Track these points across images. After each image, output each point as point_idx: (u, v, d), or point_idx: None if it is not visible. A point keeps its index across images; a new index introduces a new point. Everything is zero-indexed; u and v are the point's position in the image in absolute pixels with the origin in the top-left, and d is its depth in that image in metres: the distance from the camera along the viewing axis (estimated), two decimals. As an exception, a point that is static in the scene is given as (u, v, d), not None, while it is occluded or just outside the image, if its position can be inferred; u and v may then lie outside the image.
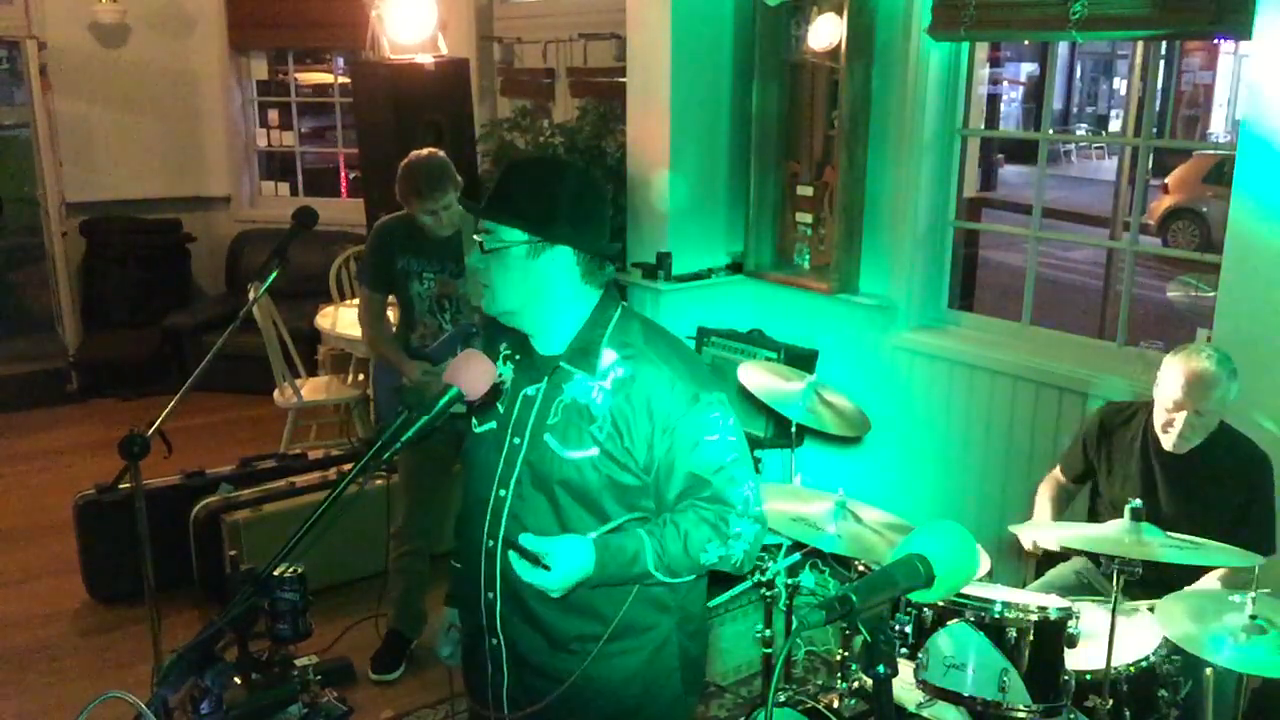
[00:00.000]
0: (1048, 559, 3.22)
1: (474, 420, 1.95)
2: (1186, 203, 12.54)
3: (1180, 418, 2.74)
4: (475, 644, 1.99)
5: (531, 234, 1.78)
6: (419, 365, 3.48)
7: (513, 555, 1.71)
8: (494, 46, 6.59)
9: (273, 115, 7.56)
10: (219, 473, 4.37)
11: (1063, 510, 3.17)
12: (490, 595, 1.89)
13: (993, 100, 17.24)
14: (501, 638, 1.91)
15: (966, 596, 2.50)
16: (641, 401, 1.79)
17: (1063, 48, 16.65)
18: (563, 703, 1.86)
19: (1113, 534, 2.49)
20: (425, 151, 3.45)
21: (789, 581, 3.00)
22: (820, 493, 3.00)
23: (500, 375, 1.89)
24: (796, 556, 2.97)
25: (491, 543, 1.87)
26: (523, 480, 1.85)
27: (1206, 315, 3.41)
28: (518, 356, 1.92)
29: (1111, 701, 2.49)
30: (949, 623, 2.51)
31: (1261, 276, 3.08)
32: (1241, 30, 3.11)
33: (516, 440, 1.86)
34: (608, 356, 1.83)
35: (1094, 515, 3.06)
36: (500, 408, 1.90)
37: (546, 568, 1.68)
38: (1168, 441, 2.80)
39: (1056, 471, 3.20)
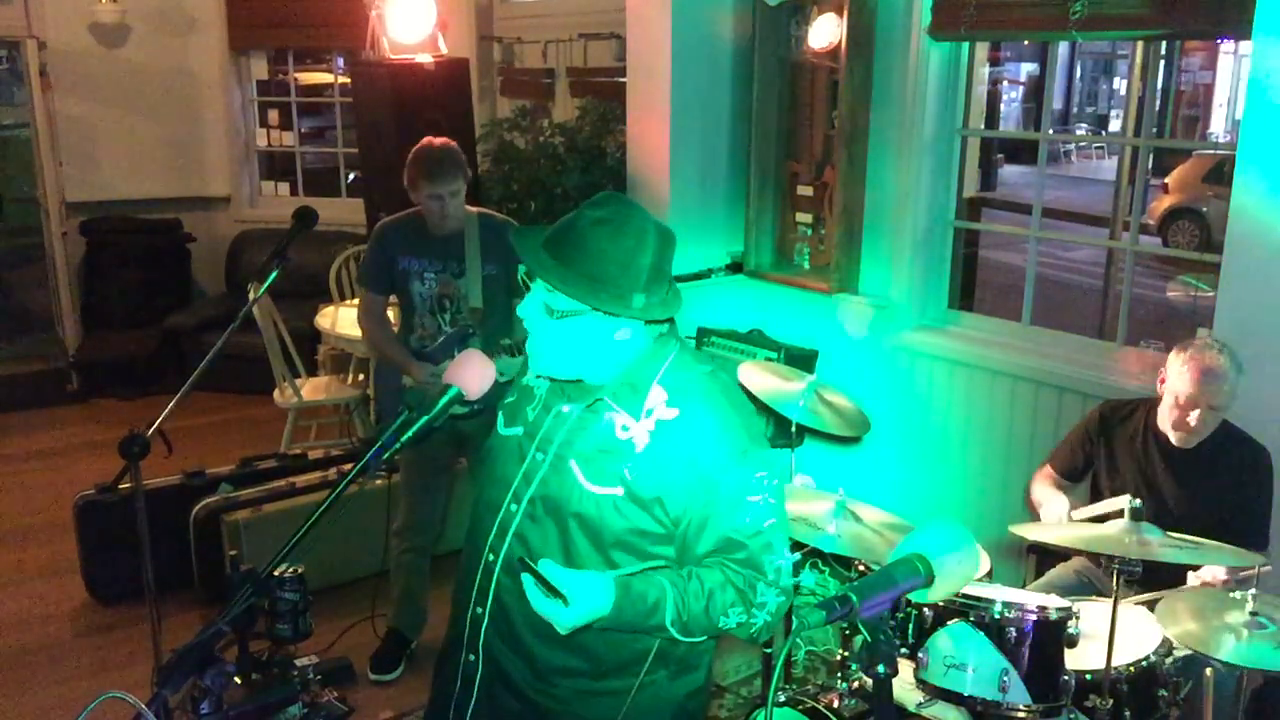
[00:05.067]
0: (1048, 558, 3.22)
1: (501, 418, 1.87)
2: (1186, 203, 12.55)
3: (1195, 414, 2.76)
4: (448, 657, 1.89)
5: (608, 310, 1.68)
6: (425, 366, 3.47)
7: (527, 580, 1.60)
8: (494, 46, 6.59)
9: (273, 115, 7.56)
10: (219, 473, 4.37)
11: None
12: (479, 610, 1.79)
13: (993, 100, 17.24)
14: (480, 656, 1.80)
15: (966, 596, 2.50)
16: (685, 448, 1.67)
17: (1063, 48, 16.66)
18: None
19: (1113, 534, 2.49)
20: (438, 140, 3.47)
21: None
22: (820, 493, 3.01)
23: (536, 382, 1.84)
24: (797, 556, 2.96)
25: (492, 557, 1.77)
26: (536, 501, 1.74)
27: (1206, 315, 3.41)
28: None
29: (1111, 701, 2.49)
30: (949, 623, 2.51)
31: (1261, 276, 3.08)
32: (1241, 30, 3.11)
33: (539, 455, 1.76)
34: (656, 395, 1.71)
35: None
36: (530, 414, 1.81)
37: (562, 598, 1.57)
38: (1178, 438, 2.82)
39: (1047, 469, 3.17)
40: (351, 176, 7.47)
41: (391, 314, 3.76)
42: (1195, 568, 2.79)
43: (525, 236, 1.75)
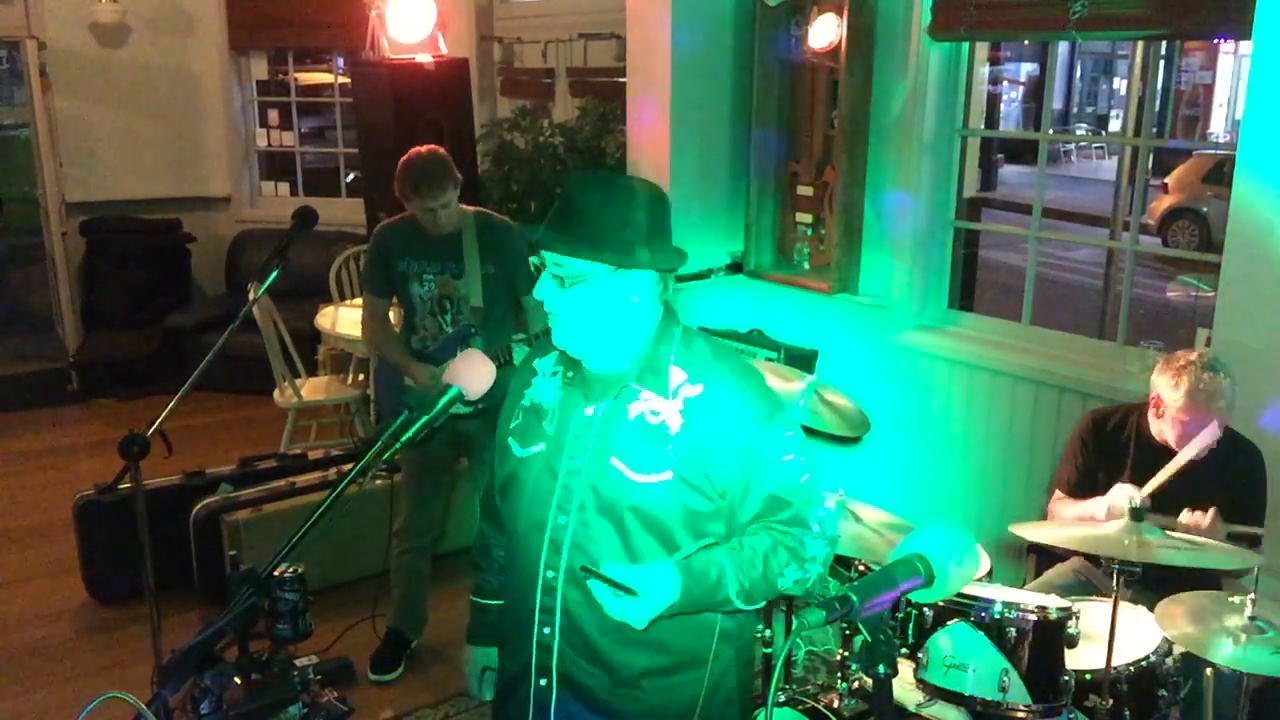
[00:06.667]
0: (1048, 558, 3.22)
1: (513, 444, 1.85)
2: (1186, 203, 12.56)
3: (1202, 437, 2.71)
4: (515, 687, 1.85)
5: (616, 266, 1.70)
6: (426, 368, 3.46)
7: (594, 585, 1.61)
8: (494, 46, 6.59)
9: (273, 115, 7.56)
10: (219, 473, 4.37)
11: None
12: (546, 630, 1.77)
13: (993, 100, 17.24)
14: (554, 677, 1.78)
15: (966, 596, 2.50)
16: (718, 421, 1.72)
17: (1063, 48, 16.65)
18: None
19: (1113, 534, 2.49)
20: (425, 149, 3.41)
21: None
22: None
23: (544, 398, 1.82)
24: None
25: (551, 573, 1.75)
26: (586, 506, 1.73)
27: (1206, 315, 3.41)
28: (570, 374, 1.81)
29: (1111, 701, 2.49)
30: (949, 623, 2.51)
31: (1261, 276, 3.08)
32: (1241, 30, 3.11)
33: (574, 461, 1.75)
34: (676, 375, 1.76)
35: None
36: (549, 429, 1.80)
37: (633, 594, 1.58)
38: (1191, 453, 2.78)
39: (1059, 495, 3.06)
40: (351, 176, 7.47)
41: (394, 316, 3.76)
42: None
43: (533, 229, 1.78)
